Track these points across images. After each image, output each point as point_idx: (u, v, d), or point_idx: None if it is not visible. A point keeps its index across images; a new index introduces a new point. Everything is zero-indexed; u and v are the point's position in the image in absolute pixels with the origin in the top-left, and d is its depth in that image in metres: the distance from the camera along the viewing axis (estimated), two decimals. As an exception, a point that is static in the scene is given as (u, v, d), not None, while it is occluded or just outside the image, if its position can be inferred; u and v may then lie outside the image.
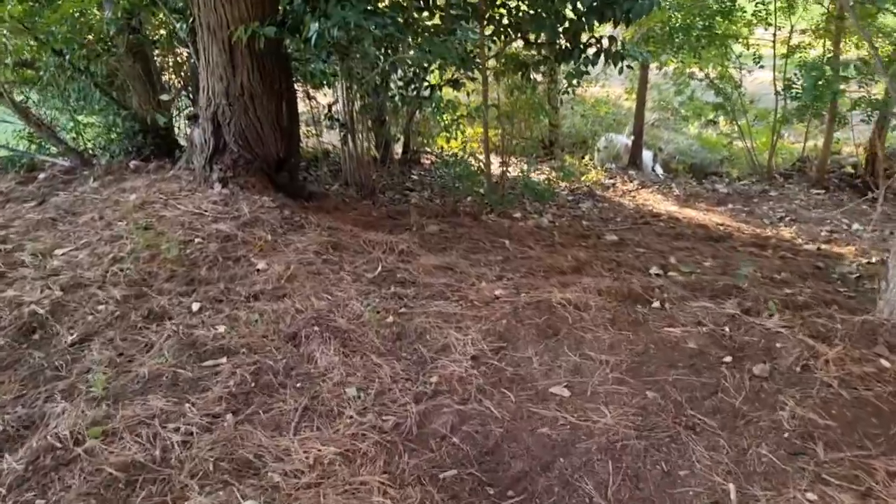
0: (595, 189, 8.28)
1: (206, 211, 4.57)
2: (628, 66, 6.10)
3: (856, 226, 7.27)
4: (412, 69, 5.86)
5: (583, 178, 8.47)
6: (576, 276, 4.29)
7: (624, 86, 13.62)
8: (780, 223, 7.49)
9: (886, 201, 8.62)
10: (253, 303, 3.51)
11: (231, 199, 4.71)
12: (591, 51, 5.95)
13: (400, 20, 4.76)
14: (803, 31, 8.89)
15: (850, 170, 9.55)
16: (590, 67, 5.97)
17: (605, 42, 5.80)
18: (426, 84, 6.28)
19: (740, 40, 9.02)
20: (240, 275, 3.83)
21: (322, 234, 4.36)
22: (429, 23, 5.78)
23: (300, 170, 6.47)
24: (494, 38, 6.26)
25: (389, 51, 5.33)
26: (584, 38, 5.91)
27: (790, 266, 5.20)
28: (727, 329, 3.26)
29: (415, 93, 6.38)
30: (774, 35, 8.83)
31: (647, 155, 11.69)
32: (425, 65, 5.52)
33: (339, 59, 5.40)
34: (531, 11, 5.90)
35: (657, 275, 4.53)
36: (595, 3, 5.37)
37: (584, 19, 5.67)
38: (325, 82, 5.92)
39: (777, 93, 9.00)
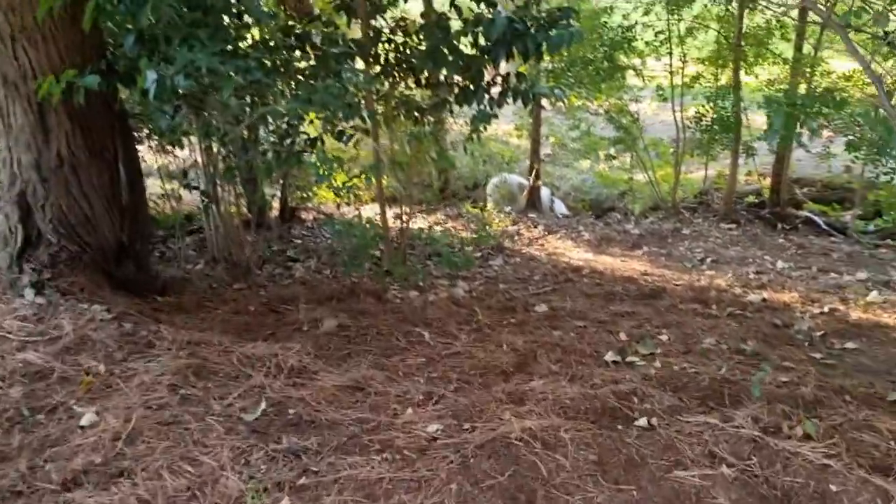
0: (502, 240, 7.50)
1: (9, 332, 3.31)
2: (538, 104, 5.36)
3: (780, 264, 6.89)
4: (286, 121, 4.83)
5: (486, 227, 7.69)
6: (522, 377, 3.39)
7: (512, 122, 13.16)
8: (703, 265, 7.00)
9: (796, 231, 8.42)
10: (70, 493, 2.33)
11: (48, 313, 3.47)
12: (495, 90, 5.19)
13: (268, 63, 3.75)
14: (700, 61, 8.64)
15: (752, 199, 9.36)
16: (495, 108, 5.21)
17: (513, 79, 5.05)
18: (304, 137, 5.26)
19: (636, 72, 8.65)
20: (54, 438, 2.63)
21: (180, 355, 3.22)
22: (303, 64, 4.81)
23: (152, 249, 5.24)
24: (382, 78, 5.38)
25: (256, 100, 4.28)
26: (488, 76, 5.16)
27: (748, 328, 4.57)
28: (757, 465, 2.44)
29: (290, 147, 5.35)
30: (671, 66, 8.52)
31: (544, 194, 11.16)
32: (303, 115, 4.51)
33: (192, 113, 4.29)
34: (423, 46, 5.08)
35: (616, 363, 3.72)
36: (502, 36, 4.60)
37: (488, 55, 4.90)
38: (174, 142, 4.77)
39: (685, 126, 8.67)
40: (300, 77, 4.51)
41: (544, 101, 9.14)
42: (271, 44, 3.87)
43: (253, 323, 3.93)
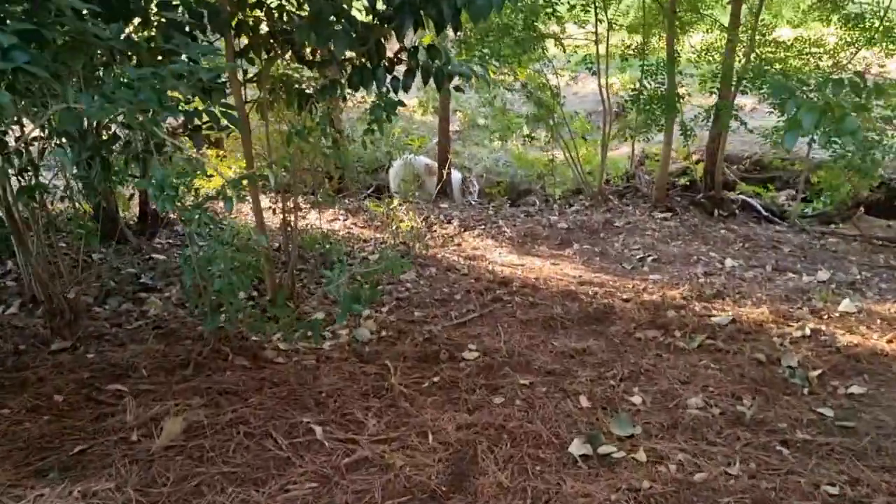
0: (412, 241, 6.37)
1: None
2: (455, 88, 4.23)
3: (729, 262, 6.12)
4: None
5: (394, 228, 6.53)
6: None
7: (415, 97, 11.99)
8: (643, 266, 6.14)
9: (735, 218, 7.74)
10: None
11: None
12: (401, 68, 4.05)
13: (53, 37, 2.46)
14: (628, 28, 7.70)
15: (684, 182, 8.63)
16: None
17: (423, 55, 3.92)
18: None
19: (557, 41, 7.64)
20: None
21: None
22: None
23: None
24: (252, 54, 4.13)
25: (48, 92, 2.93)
26: (389, 51, 4.01)
27: (731, 371, 3.69)
28: None
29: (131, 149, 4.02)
30: (596, 33, 7.55)
31: (455, 177, 10.11)
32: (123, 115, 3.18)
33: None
34: (304, 12, 3.86)
35: (586, 458, 2.71)
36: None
37: (389, 23, 3.75)
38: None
39: (619, 103, 7.75)
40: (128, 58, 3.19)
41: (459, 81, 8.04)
42: (53, 9, 2.53)
43: (51, 434, 2.65)
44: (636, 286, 5.44)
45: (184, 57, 2.86)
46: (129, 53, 3.19)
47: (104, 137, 4.09)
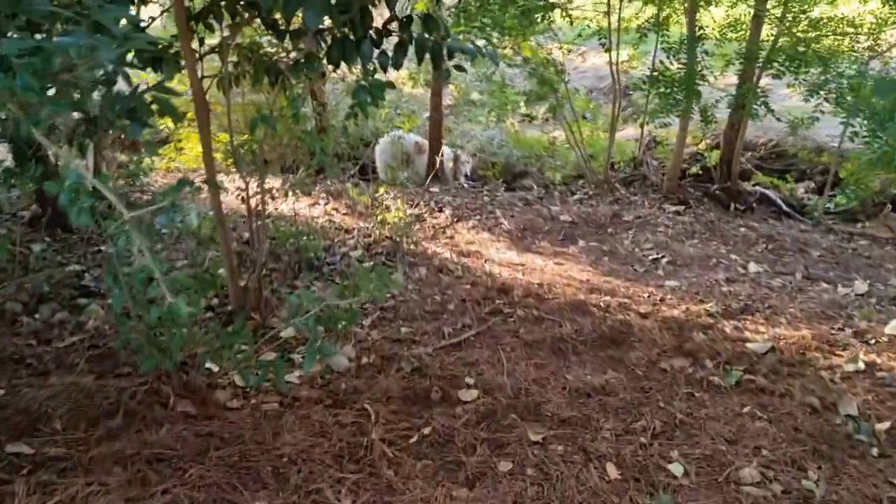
0: (400, 236, 5.69)
1: None
2: (455, 68, 3.53)
3: (753, 267, 5.51)
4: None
5: (379, 220, 5.83)
6: None
7: (406, 68, 11.20)
8: (658, 269, 5.52)
9: (752, 213, 7.11)
10: None
11: None
12: (392, 41, 3.35)
13: None
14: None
15: (696, 170, 7.98)
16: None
17: (417, 27, 3.23)
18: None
19: (563, 12, 6.89)
20: None
21: None
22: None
23: None
24: (213, 18, 3.44)
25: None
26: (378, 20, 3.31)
27: (780, 421, 3.08)
28: None
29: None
30: (609, 4, 6.81)
31: (447, 156, 9.40)
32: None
33: None
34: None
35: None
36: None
37: (377, -14, 3.07)
38: None
39: (627, 82, 7.05)
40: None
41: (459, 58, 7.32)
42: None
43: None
44: (653, 296, 4.82)
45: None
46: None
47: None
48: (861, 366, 3.65)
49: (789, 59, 5.66)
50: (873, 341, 4.15)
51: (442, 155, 8.78)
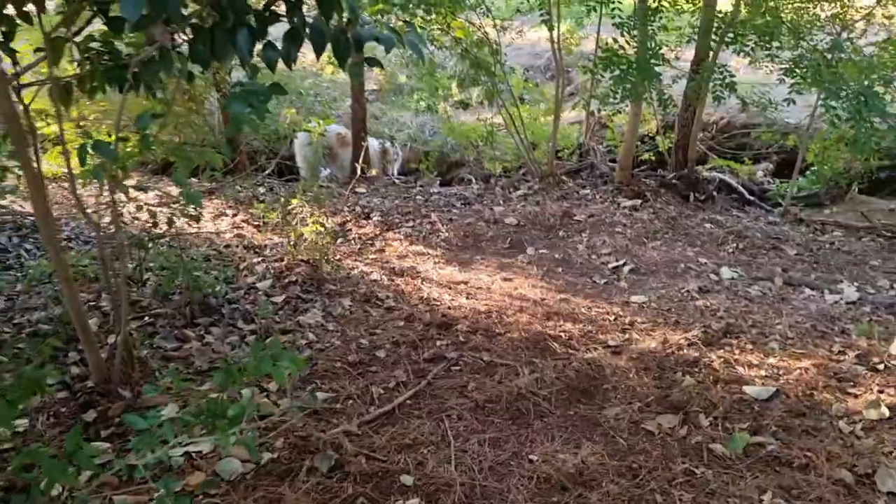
0: (317, 256, 4.80)
1: None
2: (368, 62, 2.67)
3: (726, 272, 4.88)
4: None
5: (292, 240, 4.90)
6: None
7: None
8: (620, 280, 4.84)
9: (714, 203, 6.50)
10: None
11: None
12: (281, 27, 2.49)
13: None
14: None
15: (649, 157, 7.32)
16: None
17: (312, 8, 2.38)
18: None
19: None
20: None
21: None
22: None
23: None
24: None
25: None
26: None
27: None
28: None
29: None
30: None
31: (373, 148, 8.53)
32: None
33: None
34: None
35: None
36: None
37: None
38: None
39: (568, 61, 6.28)
40: None
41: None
42: None
43: None
44: (620, 318, 4.12)
45: None
46: None
47: None
48: (885, 412, 3.01)
49: (758, 31, 4.99)
50: (882, 366, 3.54)
51: (367, 149, 7.90)
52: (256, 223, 5.89)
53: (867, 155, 5.18)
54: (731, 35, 5.23)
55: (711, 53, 5.84)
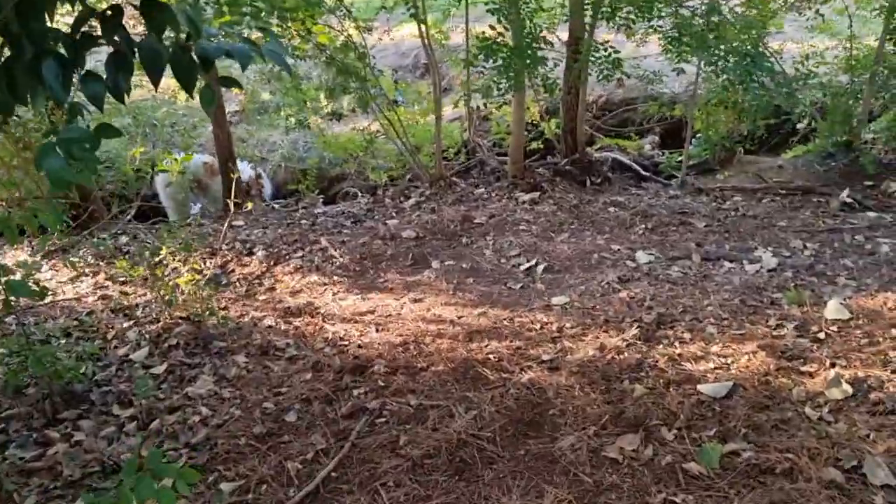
0: (199, 310, 4.19)
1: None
2: (222, 82, 2.16)
3: (641, 256, 4.68)
4: None
5: (165, 298, 4.25)
6: None
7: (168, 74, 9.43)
8: (535, 282, 4.54)
9: (611, 185, 6.34)
10: None
11: None
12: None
13: None
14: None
15: (536, 146, 7.10)
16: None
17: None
18: None
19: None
20: None
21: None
22: None
23: None
24: None
25: None
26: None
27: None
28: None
29: None
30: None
31: (246, 172, 7.88)
32: None
33: None
34: None
35: None
36: None
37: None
38: None
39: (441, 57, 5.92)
40: None
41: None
42: None
43: None
44: (546, 326, 3.80)
45: None
46: None
47: None
48: (848, 389, 2.81)
49: (633, 3, 4.81)
50: (823, 335, 3.39)
51: (238, 176, 7.25)
52: (123, 280, 5.18)
53: (757, 116, 5.15)
54: (605, 9, 5.05)
55: (587, 31, 5.64)
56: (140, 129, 8.64)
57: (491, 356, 3.47)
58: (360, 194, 7.51)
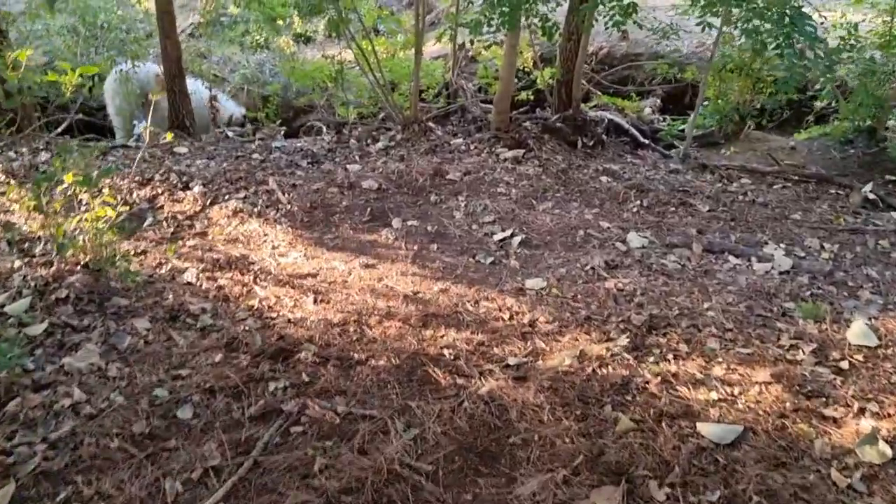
0: (102, 262, 3.48)
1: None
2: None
3: (634, 238, 4.06)
4: None
5: (60, 236, 3.52)
6: None
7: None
8: (509, 258, 3.91)
9: (604, 149, 5.66)
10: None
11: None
12: None
13: None
14: None
15: (525, 97, 6.36)
16: None
17: None
18: None
19: None
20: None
21: None
22: None
23: None
24: None
25: None
26: None
27: None
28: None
29: None
30: None
31: (200, 92, 7.06)
32: None
33: None
34: None
35: None
36: None
37: None
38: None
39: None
40: None
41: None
42: None
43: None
44: (517, 318, 3.19)
45: None
46: None
47: None
48: (887, 451, 2.24)
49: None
50: (847, 364, 2.81)
51: (186, 91, 6.41)
52: (35, 204, 4.42)
53: (787, 89, 4.49)
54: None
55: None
56: (87, 31, 7.70)
57: (446, 351, 2.85)
58: (325, 130, 6.75)
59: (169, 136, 4.52)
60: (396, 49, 7.01)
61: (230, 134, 6.71)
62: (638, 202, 4.50)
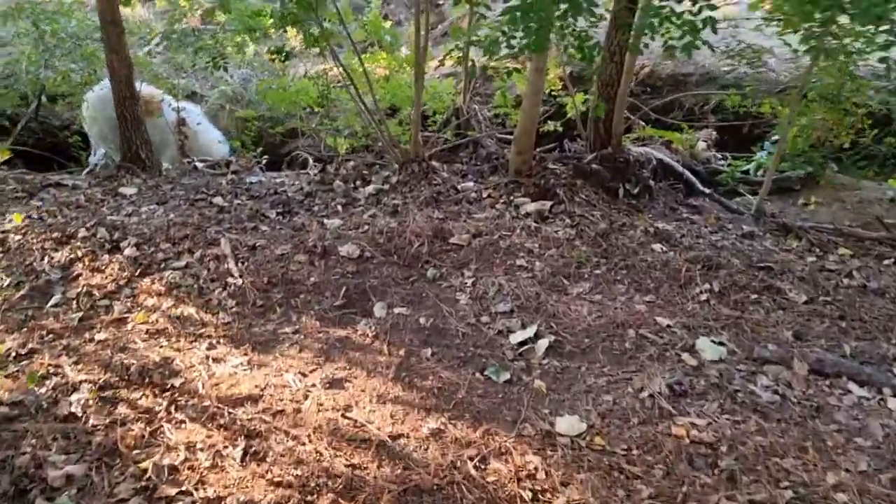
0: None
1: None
2: None
3: (704, 346, 2.95)
4: None
5: None
6: None
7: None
8: (532, 376, 2.85)
9: (653, 201, 4.56)
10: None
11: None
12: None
13: None
14: None
15: (554, 128, 5.26)
16: None
17: None
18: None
19: None
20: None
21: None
22: None
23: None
24: None
25: None
26: None
27: None
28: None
29: None
30: None
31: (167, 115, 6.04)
32: None
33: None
34: None
35: None
36: None
37: None
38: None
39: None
40: None
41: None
42: None
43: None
44: (543, 497, 2.09)
45: None
46: None
47: None
48: None
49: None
50: None
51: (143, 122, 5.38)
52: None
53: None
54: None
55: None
56: (40, 40, 6.71)
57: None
58: (311, 162, 5.71)
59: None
60: (399, 65, 5.95)
61: (199, 165, 5.69)
62: (706, 285, 3.38)
